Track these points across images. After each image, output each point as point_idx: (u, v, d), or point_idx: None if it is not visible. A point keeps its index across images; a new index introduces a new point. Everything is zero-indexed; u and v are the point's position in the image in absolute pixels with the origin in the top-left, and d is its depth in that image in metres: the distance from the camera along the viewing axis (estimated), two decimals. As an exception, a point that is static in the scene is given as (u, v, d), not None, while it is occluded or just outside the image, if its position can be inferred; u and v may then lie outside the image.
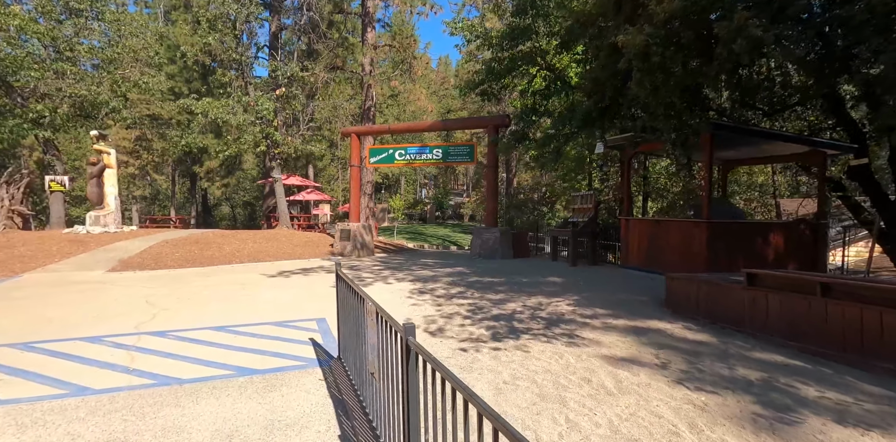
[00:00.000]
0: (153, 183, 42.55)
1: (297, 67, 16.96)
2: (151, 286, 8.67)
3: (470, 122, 14.91)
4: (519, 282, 8.62)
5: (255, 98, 16.15)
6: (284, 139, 17.47)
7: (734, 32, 5.65)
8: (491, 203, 13.29)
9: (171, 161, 35.32)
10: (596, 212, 10.86)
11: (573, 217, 11.65)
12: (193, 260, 12.02)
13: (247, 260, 12.52)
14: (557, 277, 9.07)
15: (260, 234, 16.01)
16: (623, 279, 8.73)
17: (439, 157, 14.08)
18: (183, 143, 16.80)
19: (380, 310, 2.73)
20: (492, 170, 13.19)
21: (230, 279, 9.49)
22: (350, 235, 14.90)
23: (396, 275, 9.97)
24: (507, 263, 11.91)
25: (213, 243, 13.67)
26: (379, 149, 15.29)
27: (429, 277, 9.40)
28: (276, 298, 7.49)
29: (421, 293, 7.74)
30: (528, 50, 12.80)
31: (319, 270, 10.83)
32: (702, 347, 4.56)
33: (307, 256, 13.92)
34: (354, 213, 15.52)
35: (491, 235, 13.03)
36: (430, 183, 64.63)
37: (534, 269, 10.68)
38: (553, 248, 11.73)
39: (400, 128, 14.66)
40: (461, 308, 6.50)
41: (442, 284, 8.58)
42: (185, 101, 15.40)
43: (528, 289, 7.86)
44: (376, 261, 13.47)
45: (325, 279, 9.40)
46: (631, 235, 9.41)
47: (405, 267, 11.58)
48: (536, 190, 21.06)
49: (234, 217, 54.48)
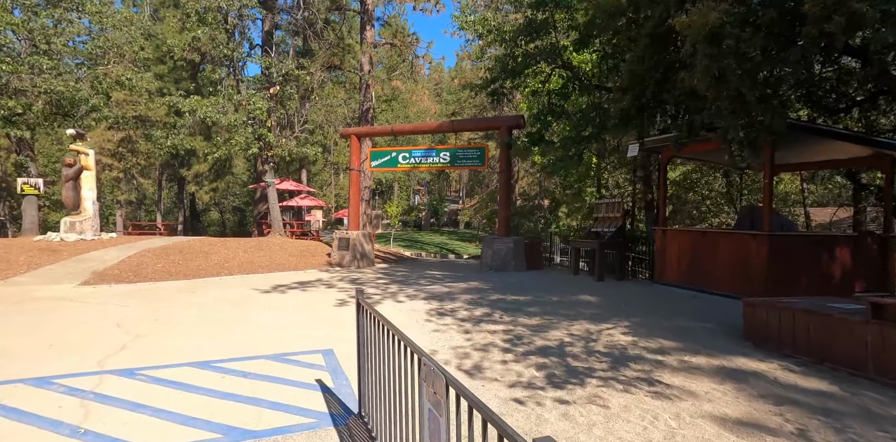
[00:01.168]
0: (139, 187, 41.11)
1: (292, 64, 15.89)
2: (127, 304, 7.51)
3: (482, 124, 13.87)
4: (549, 301, 7.57)
5: (247, 96, 15.05)
6: (278, 141, 16.36)
7: (830, 7, 4.70)
8: (503, 211, 12.28)
9: (158, 164, 34.01)
10: (624, 221, 9.88)
11: (596, 226, 10.67)
12: (177, 272, 10.84)
13: (237, 271, 11.37)
14: (590, 296, 8.04)
15: (251, 242, 14.85)
16: (666, 299, 7.72)
17: (447, 161, 13.06)
18: (169, 143, 15.60)
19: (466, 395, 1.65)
20: (505, 174, 12.19)
21: (218, 295, 8.35)
22: (349, 245, 13.80)
23: (405, 290, 8.89)
24: (524, 277, 10.87)
25: (199, 253, 12.50)
26: (381, 151, 14.24)
27: (444, 294, 8.33)
28: (272, 320, 6.38)
29: (440, 315, 6.67)
30: (544, 46, 11.87)
31: (318, 285, 9.72)
32: (831, 402, 3.54)
33: (303, 266, 12.79)
34: (353, 220, 14.42)
35: (503, 246, 12.00)
36: (423, 189, 63.63)
37: (558, 284, 9.65)
38: (575, 260, 10.73)
39: (404, 129, 13.63)
40: (495, 337, 5.44)
41: (461, 303, 7.52)
42: (172, 98, 14.24)
43: (563, 311, 6.81)
44: (378, 272, 12.38)
45: (325, 296, 8.29)
46: (668, 248, 8.43)
47: (412, 281, 10.50)
48: (544, 196, 20.09)
49: (223, 223, 53.03)
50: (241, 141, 15.31)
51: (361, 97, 18.60)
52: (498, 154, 12.27)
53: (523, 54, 11.75)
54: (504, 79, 11.94)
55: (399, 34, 17.76)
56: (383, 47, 18.71)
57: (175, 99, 14.16)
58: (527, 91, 14.77)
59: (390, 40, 17.99)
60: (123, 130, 25.48)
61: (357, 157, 14.33)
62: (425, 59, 18.35)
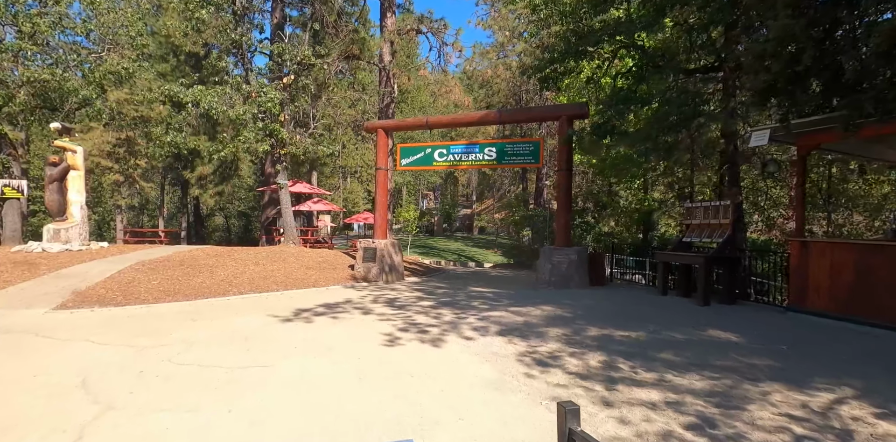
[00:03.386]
0: (141, 191, 39.34)
1: (308, 51, 14.03)
2: (106, 341, 5.60)
3: (537, 113, 11.82)
4: (677, 341, 5.60)
5: (257, 87, 13.19)
6: (292, 138, 14.49)
7: None
8: (563, 216, 10.31)
9: (161, 167, 32.20)
10: (734, 230, 7.91)
11: (689, 236, 8.71)
12: (176, 290, 8.93)
13: (248, 289, 9.45)
14: (721, 331, 6.07)
15: (262, 252, 12.94)
16: (835, 338, 5.71)
17: (493, 158, 11.13)
18: (168, 140, 13.75)
19: None
20: (565, 174, 10.24)
21: (225, 327, 6.42)
22: (376, 256, 11.88)
23: (465, 318, 6.94)
24: (599, 298, 8.91)
25: (203, 266, 10.59)
26: (413, 147, 12.33)
27: (521, 326, 6.37)
28: (304, 375, 4.43)
29: (540, 364, 4.71)
30: (610, 20, 9.97)
31: (349, 309, 7.78)
32: None
33: (324, 282, 10.86)
34: (381, 227, 12.49)
35: (564, 258, 10.05)
36: (433, 193, 61.77)
37: (656, 310, 7.67)
38: (663, 277, 8.77)
39: (441, 121, 11.71)
40: (663, 416, 3.47)
41: (555, 341, 5.56)
42: (171, 86, 12.41)
43: (716, 359, 4.83)
44: (414, 289, 10.44)
45: (365, 327, 6.35)
46: (813, 265, 6.44)
47: (462, 301, 8.56)
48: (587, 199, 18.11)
49: (227, 228, 51.26)
50: (250, 137, 13.45)
51: (382, 90, 16.73)
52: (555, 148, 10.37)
53: (588, 30, 9.85)
54: (564, 59, 10.01)
55: (426, 20, 15.97)
56: (407, 35, 16.89)
57: (175, 88, 12.30)
58: (581, 76, 12.86)
59: (415, 26, 16.19)
60: (122, 130, 23.65)
61: (385, 154, 12.43)
62: (454, 47, 16.55)
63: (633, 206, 16.24)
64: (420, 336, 5.88)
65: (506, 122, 11.10)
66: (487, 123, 11.98)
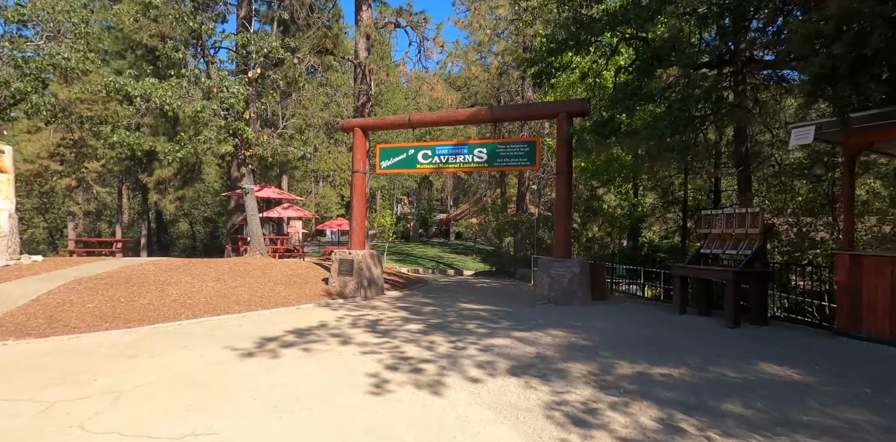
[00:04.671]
0: (98, 196, 36.89)
1: (276, 42, 12.73)
2: (3, 395, 4.26)
3: (532, 111, 10.75)
4: (732, 382, 4.60)
5: (217, 80, 11.82)
6: (259, 138, 13.13)
7: None
8: (563, 224, 9.30)
9: (119, 170, 30.06)
10: (765, 241, 7.02)
11: (708, 247, 7.81)
12: (116, 315, 7.53)
13: (204, 312, 8.10)
14: (774, 364, 5.10)
15: (224, 265, 11.54)
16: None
17: (483, 160, 10.06)
18: (115, 139, 12.21)
19: None
20: (565, 177, 9.24)
21: (169, 366, 5.12)
22: (353, 268, 10.65)
23: (464, 349, 5.81)
24: (612, 319, 7.92)
25: (153, 283, 9.17)
26: (394, 148, 11.16)
27: (534, 361, 5.28)
28: (266, 450, 3.23)
29: (576, 422, 3.62)
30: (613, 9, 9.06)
31: (325, 336, 6.55)
32: None
33: (294, 300, 9.57)
34: (358, 236, 11.26)
35: (566, 271, 9.03)
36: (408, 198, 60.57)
37: (677, 334, 6.70)
38: (682, 293, 7.82)
39: (425, 119, 10.59)
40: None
41: (585, 385, 4.48)
42: (116, 79, 10.92)
43: (801, 411, 3.83)
44: (398, 307, 9.26)
45: (343, 364, 5.15)
46: (870, 284, 5.56)
47: (456, 324, 7.43)
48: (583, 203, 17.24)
49: (193, 235, 48.85)
50: (211, 136, 12.05)
51: (358, 87, 15.51)
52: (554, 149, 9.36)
53: (589, 19, 8.92)
54: (564, 50, 9.04)
55: (405, 12, 14.88)
56: (385, 29, 15.73)
57: (122, 80, 10.82)
58: (576, 73, 11.96)
59: (394, 19, 15.07)
60: (71, 131, 21.73)
61: (362, 156, 11.23)
62: (436, 42, 15.49)
63: (625, 211, 15.42)
64: (414, 378, 4.73)
65: (499, 119, 10.08)
66: (478, 122, 10.92)
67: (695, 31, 8.95)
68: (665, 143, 7.76)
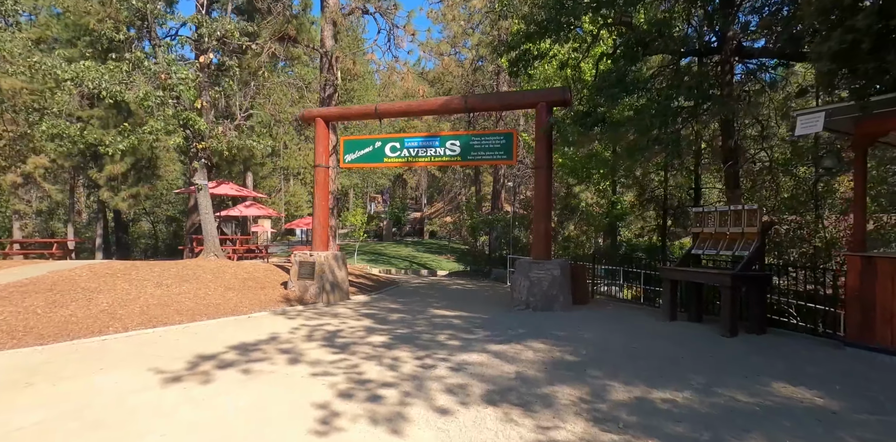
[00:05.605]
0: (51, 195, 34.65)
1: (231, 26, 11.67)
2: None
3: (510, 100, 9.91)
4: (747, 409, 3.92)
5: (164, 64, 10.71)
6: (212, 130, 12.05)
7: None
8: (542, 222, 8.57)
9: (70, 166, 28.14)
10: (763, 240, 6.41)
11: (700, 247, 7.18)
12: (27, 329, 6.46)
13: (136, 323, 7.08)
14: (788, 384, 4.45)
15: (172, 269, 10.45)
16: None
17: (456, 153, 9.27)
18: (43, 128, 10.95)
19: None
20: (544, 172, 8.52)
21: (73, 397, 4.17)
22: (314, 271, 9.75)
23: (432, 367, 5.01)
24: (595, 326, 7.24)
25: (80, 291, 8.07)
26: (360, 141, 10.26)
27: (514, 383, 4.51)
28: None
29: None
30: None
31: (273, 353, 5.65)
32: None
33: (247, 307, 8.61)
34: (321, 236, 10.34)
35: (545, 274, 8.31)
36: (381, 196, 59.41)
37: (671, 345, 6.04)
38: (671, 298, 7.18)
39: (393, 109, 9.72)
40: None
41: (576, 417, 3.73)
42: (43, 60, 9.67)
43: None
44: (362, 315, 8.39)
45: (287, 388, 4.28)
46: (884, 289, 4.97)
47: (426, 335, 6.62)
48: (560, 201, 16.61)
49: (155, 235, 46.71)
50: (157, 126, 10.94)
51: (323, 76, 14.51)
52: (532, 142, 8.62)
53: (570, 1, 8.22)
54: (545, 33, 8.32)
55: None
56: (352, 15, 14.76)
57: (51, 62, 9.60)
58: (554, 63, 11.29)
59: (361, 5, 14.10)
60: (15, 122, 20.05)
61: (325, 149, 10.31)
62: (406, 30, 14.60)
63: (604, 209, 14.86)
64: (371, 409, 3.90)
65: (474, 109, 9.28)
66: (451, 111, 10.12)
67: (682, 15, 8.33)
68: (652, 134, 7.11)
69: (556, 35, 8.53)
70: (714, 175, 15.80)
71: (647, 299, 10.89)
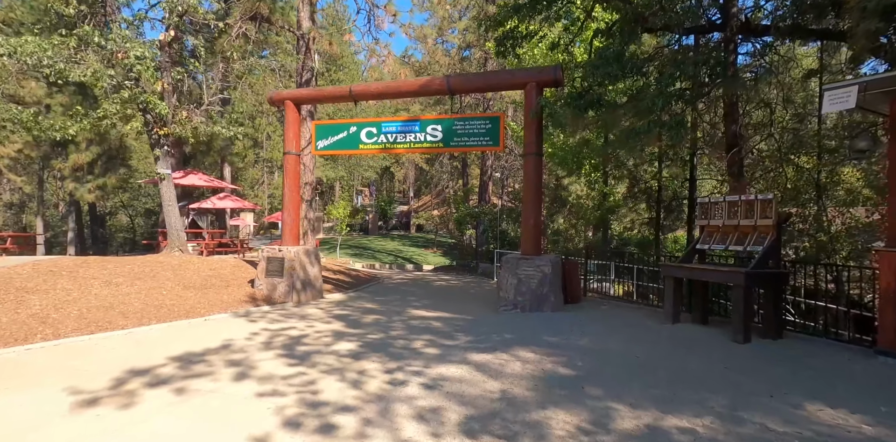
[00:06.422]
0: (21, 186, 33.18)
1: (196, 0, 10.69)
2: None
3: (497, 79, 9.01)
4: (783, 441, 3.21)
5: (117, 41, 9.74)
6: (176, 114, 11.10)
7: None
8: (532, 215, 7.81)
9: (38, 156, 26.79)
10: (779, 235, 5.70)
11: (706, 242, 6.48)
12: (-60, 338, 5.57)
13: (71, 330, 6.21)
14: (826, 406, 3.77)
15: (129, 264, 9.56)
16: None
17: (437, 139, 8.46)
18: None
19: None
20: (534, 159, 7.74)
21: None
22: (283, 268, 8.92)
23: (403, 383, 4.25)
24: (590, 330, 6.52)
25: (11, 291, 7.15)
26: (333, 125, 9.40)
27: (499, 407, 3.77)
28: None
29: None
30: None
31: (219, 366, 4.84)
32: None
33: (205, 309, 7.76)
34: (291, 230, 9.49)
35: (535, 271, 7.58)
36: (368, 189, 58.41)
37: (679, 353, 5.34)
38: (674, 297, 6.48)
39: (370, 90, 8.86)
40: None
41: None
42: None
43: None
44: (333, 317, 7.59)
45: (223, 413, 3.49)
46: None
47: (400, 341, 5.85)
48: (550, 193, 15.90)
49: (132, 229, 45.32)
50: (112, 110, 9.98)
51: (299, 58, 13.57)
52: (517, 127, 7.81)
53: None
54: (531, 8, 7.51)
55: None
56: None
57: (-15, 34, 8.61)
58: (542, 44, 10.52)
59: (339, -18, 13.22)
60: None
61: (295, 134, 9.44)
62: (387, 10, 13.70)
63: (595, 202, 14.17)
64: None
65: (457, 91, 8.44)
66: (431, 93, 9.28)
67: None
68: (653, 117, 6.38)
69: (547, 10, 7.74)
70: (706, 167, 15.16)
71: (641, 296, 10.26)
